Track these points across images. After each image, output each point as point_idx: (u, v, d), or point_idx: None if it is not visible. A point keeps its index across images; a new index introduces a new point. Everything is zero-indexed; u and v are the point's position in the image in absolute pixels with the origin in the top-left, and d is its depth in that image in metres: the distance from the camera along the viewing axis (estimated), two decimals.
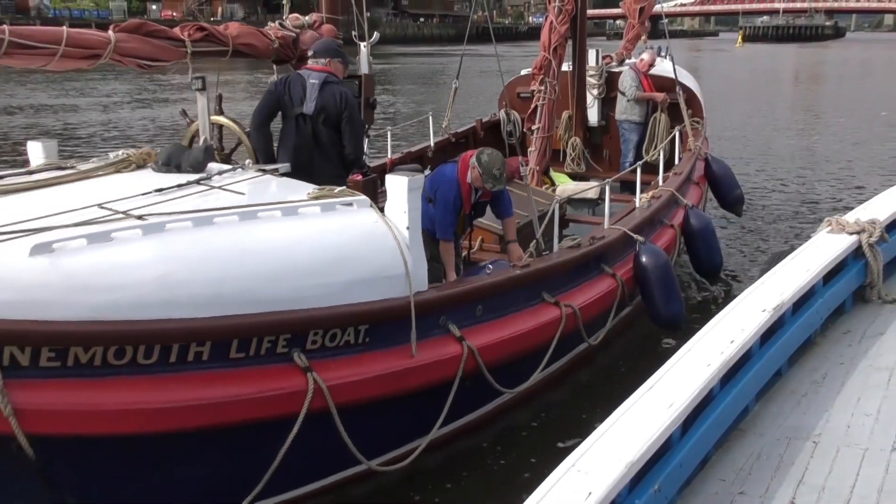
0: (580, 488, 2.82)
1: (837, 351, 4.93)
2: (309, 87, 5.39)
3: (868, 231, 5.54)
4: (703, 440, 3.62)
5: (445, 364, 4.80)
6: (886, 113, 23.03)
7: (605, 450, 3.06)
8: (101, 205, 3.97)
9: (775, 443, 3.92)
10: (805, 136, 20.03)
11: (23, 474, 3.61)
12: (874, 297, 5.63)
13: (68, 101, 26.31)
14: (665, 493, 3.24)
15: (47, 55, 3.98)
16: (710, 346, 3.94)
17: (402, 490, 5.01)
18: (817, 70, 53.46)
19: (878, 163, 16.12)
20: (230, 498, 4.13)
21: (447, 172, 5.79)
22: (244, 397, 3.98)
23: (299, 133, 5.43)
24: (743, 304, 4.51)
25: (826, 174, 15.05)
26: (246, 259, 4.00)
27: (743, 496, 3.49)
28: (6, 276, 3.41)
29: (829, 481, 3.56)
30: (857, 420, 4.09)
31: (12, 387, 3.41)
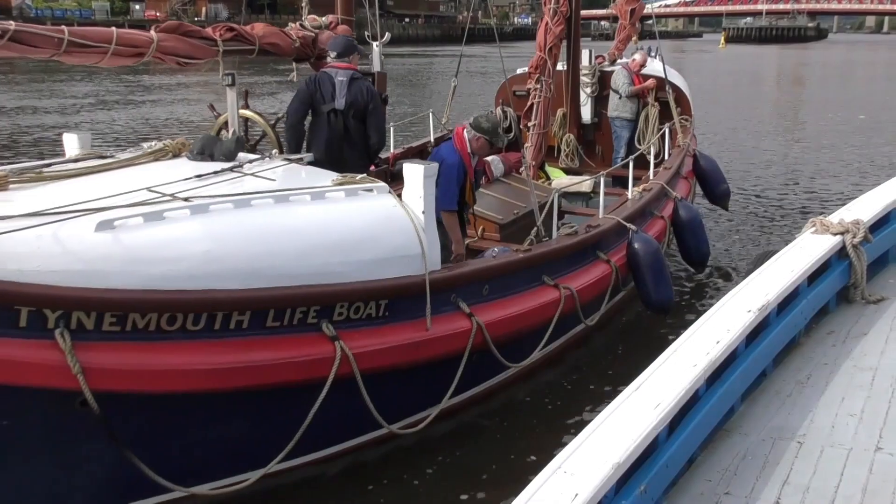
0: (566, 489, 2.82)
1: (821, 351, 4.94)
2: (338, 84, 5.86)
3: (852, 232, 5.55)
4: (689, 441, 3.63)
5: (456, 337, 5.23)
6: (864, 116, 23.41)
7: (591, 451, 3.06)
8: (150, 188, 4.39)
9: (760, 443, 3.93)
10: (786, 137, 20.42)
11: (86, 427, 4.02)
12: (858, 297, 5.64)
13: (30, 104, 26.49)
14: (651, 493, 3.24)
15: (100, 53, 4.40)
16: (696, 347, 3.94)
17: (412, 456, 5.40)
18: (799, 71, 54.08)
19: (860, 164, 16.49)
20: (264, 456, 4.55)
21: (444, 149, 6.20)
22: (279, 362, 4.41)
23: (331, 127, 5.90)
24: (728, 304, 4.51)
25: (808, 175, 15.42)
26: (280, 237, 4.44)
27: (728, 496, 3.50)
28: (75, 249, 3.83)
29: (814, 481, 3.57)
30: (842, 420, 4.09)
31: (80, 348, 3.83)
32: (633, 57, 10.37)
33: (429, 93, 30.69)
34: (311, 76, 6.02)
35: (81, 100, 27.87)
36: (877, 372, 4.61)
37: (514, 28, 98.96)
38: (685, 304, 8.34)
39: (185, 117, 23.20)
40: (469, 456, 5.51)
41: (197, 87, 33.31)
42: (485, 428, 5.87)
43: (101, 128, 20.57)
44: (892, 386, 4.42)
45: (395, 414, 5.14)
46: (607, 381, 6.65)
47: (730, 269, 9.36)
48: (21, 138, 19.04)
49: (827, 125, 22.56)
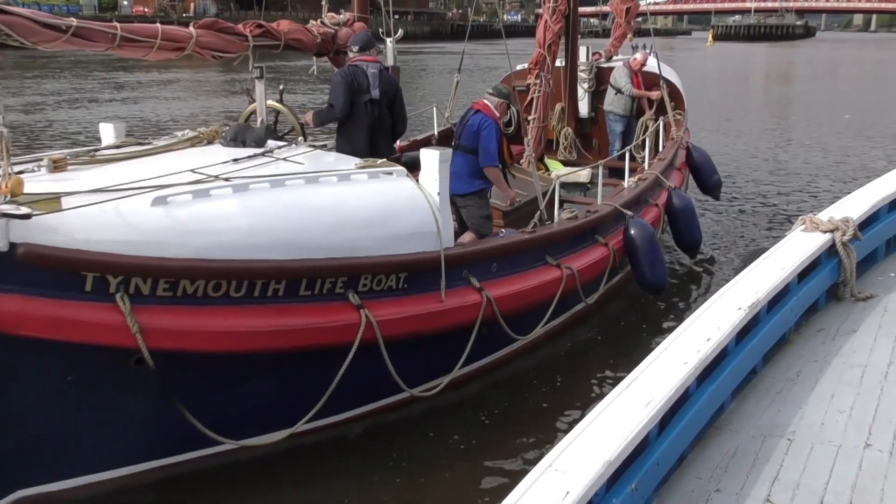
0: (558, 488, 2.84)
1: (811, 348, 4.97)
2: (370, 76, 6.42)
3: (841, 229, 5.57)
4: (680, 438, 3.64)
5: (468, 309, 5.71)
6: (850, 116, 23.68)
7: (582, 449, 3.07)
8: (194, 170, 4.85)
9: (751, 440, 3.95)
10: (773, 135, 20.75)
11: (141, 384, 4.48)
12: (847, 294, 5.67)
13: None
14: (642, 491, 3.26)
15: (147, 47, 4.86)
16: (686, 345, 3.95)
17: (424, 422, 5.87)
18: (786, 70, 54.67)
19: (847, 163, 16.83)
20: (296, 415, 5.01)
21: (476, 120, 6.83)
22: (311, 326, 4.88)
23: (369, 115, 6.47)
24: (719, 302, 4.53)
25: (797, 173, 15.73)
26: (311, 214, 4.91)
27: (719, 493, 3.52)
28: (133, 222, 4.29)
29: (804, 478, 3.59)
30: (831, 417, 4.12)
31: (137, 310, 4.29)
32: (635, 56, 10.80)
33: (422, 89, 31.09)
34: (345, 70, 6.52)
35: (47, 97, 27.91)
36: (866, 369, 4.60)
37: (504, 25, 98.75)
38: (677, 286, 8.82)
39: (179, 113, 23.55)
40: (476, 423, 5.96)
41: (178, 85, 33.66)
42: (490, 398, 6.32)
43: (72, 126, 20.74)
44: (881, 383, 4.42)
45: (413, 380, 5.60)
46: (605, 358, 7.16)
47: (720, 258, 9.83)
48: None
49: (813, 124, 22.93)
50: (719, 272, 9.26)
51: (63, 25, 4.34)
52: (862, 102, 29.13)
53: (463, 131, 6.85)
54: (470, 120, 6.82)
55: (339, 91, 6.49)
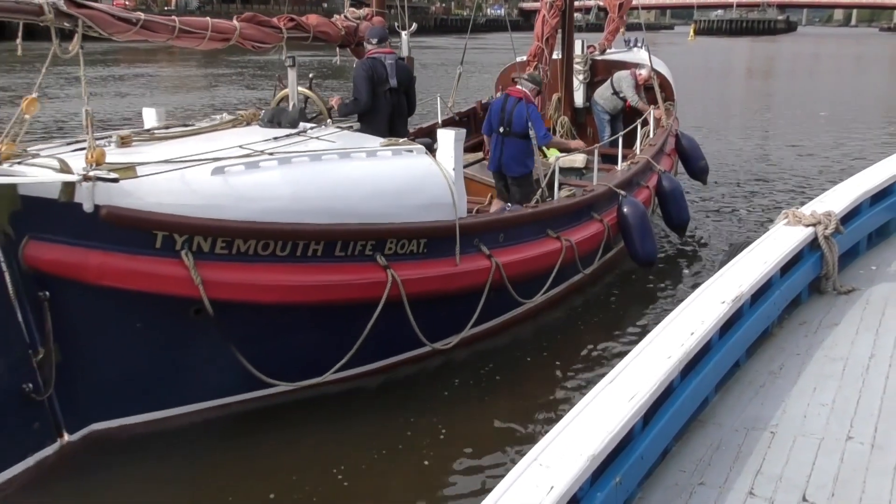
0: (542, 482, 2.83)
1: (794, 342, 5.00)
2: (388, 66, 7.14)
3: (824, 223, 5.60)
4: (664, 432, 3.66)
5: (479, 273, 6.39)
6: (826, 113, 23.90)
7: (566, 443, 3.07)
8: (241, 146, 5.50)
9: (734, 433, 3.96)
10: (754, 130, 21.10)
11: (199, 331, 5.14)
12: (829, 288, 5.70)
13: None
14: (626, 485, 3.28)
15: (199, 38, 5.52)
16: (670, 339, 3.97)
17: (437, 377, 6.54)
18: (767, 65, 55.24)
19: (830, 157, 17.19)
20: (327, 364, 5.69)
21: (521, 107, 7.87)
22: (344, 283, 5.56)
23: (388, 102, 7.18)
24: (703, 296, 4.55)
25: (780, 166, 16.03)
26: (345, 185, 5.58)
27: (703, 487, 3.53)
28: (196, 189, 4.95)
29: (786, 471, 3.61)
30: (813, 410, 4.14)
31: (199, 265, 4.96)
32: (640, 72, 11.34)
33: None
34: (365, 62, 7.19)
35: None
36: (847, 362, 4.64)
37: (487, 19, 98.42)
38: (667, 264, 9.51)
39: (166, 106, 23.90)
40: (485, 377, 6.62)
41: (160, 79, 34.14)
42: (498, 355, 6.99)
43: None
44: (863, 376, 4.47)
45: (431, 336, 6.27)
46: (599, 324, 7.86)
47: (707, 239, 10.49)
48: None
49: (794, 119, 23.32)
50: (704, 251, 9.92)
51: (133, 19, 5.00)
52: (842, 97, 29.68)
53: (512, 119, 7.79)
54: (515, 109, 7.74)
55: (362, 85, 7.22)
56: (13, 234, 4.59)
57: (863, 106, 26.89)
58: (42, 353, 4.83)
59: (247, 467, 5.35)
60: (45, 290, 4.74)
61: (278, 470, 5.29)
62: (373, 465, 5.32)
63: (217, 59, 40.21)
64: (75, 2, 4.59)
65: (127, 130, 5.64)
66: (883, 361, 4.62)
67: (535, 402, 6.22)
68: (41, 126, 18.79)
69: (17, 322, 4.70)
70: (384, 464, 5.35)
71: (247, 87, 29.59)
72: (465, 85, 11.37)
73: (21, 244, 4.63)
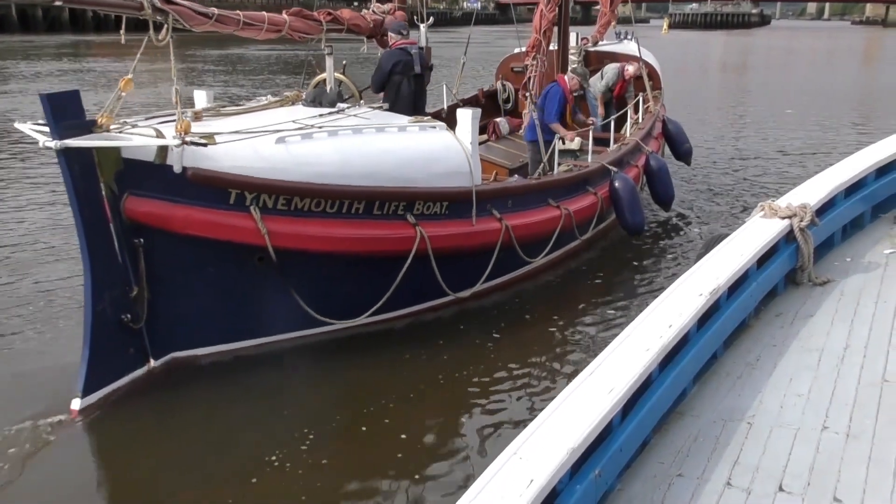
0: (522, 476, 2.83)
1: (770, 333, 5.01)
2: (414, 55, 8.11)
3: (799, 215, 5.59)
4: (643, 424, 3.66)
5: (491, 233, 7.34)
6: (792, 110, 23.55)
7: (546, 437, 3.07)
8: (294, 121, 6.38)
9: (711, 425, 3.97)
10: (728, 125, 21.17)
11: (261, 276, 6.04)
12: (805, 279, 5.70)
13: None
14: (605, 477, 3.28)
15: (258, 29, 6.41)
16: (648, 331, 3.98)
17: (454, 323, 7.51)
18: (741, 59, 55.94)
19: (804, 150, 17.28)
20: (366, 307, 6.64)
21: (551, 88, 9.14)
22: (381, 237, 6.52)
23: (412, 86, 8.08)
24: (680, 288, 4.54)
25: (756, 159, 16.08)
26: (382, 154, 6.53)
27: (681, 478, 3.53)
28: (263, 155, 5.88)
29: (763, 461, 3.62)
30: (789, 401, 4.14)
31: (265, 219, 5.84)
32: (628, 68, 12.24)
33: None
34: (392, 53, 8.13)
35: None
36: (823, 353, 4.66)
37: (464, 13, 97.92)
38: (653, 235, 10.44)
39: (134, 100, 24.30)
40: (494, 324, 7.59)
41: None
42: (505, 307, 7.97)
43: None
44: (838, 366, 4.49)
45: (450, 287, 7.18)
46: (592, 285, 8.85)
47: (690, 217, 11.38)
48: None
49: (768, 112, 23.46)
50: (686, 226, 10.85)
51: (210, 13, 5.88)
52: (815, 91, 30.21)
53: (543, 95, 9.32)
54: (551, 87, 9.12)
55: (378, 74, 8.31)
56: (116, 190, 5.49)
57: (835, 100, 27.46)
58: (136, 291, 5.77)
59: (298, 390, 6.34)
60: (139, 238, 5.68)
61: (321, 393, 6.30)
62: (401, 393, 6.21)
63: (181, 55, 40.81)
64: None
65: (197, 108, 6.48)
66: (857, 352, 4.63)
67: (534, 348, 7.17)
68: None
69: (119, 263, 5.60)
70: (410, 392, 6.26)
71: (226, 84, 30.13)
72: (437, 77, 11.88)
73: (122, 199, 5.50)
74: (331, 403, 6.11)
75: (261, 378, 6.33)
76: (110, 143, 5.34)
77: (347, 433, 5.68)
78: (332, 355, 6.70)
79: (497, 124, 10.50)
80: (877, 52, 63.21)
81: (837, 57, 55.23)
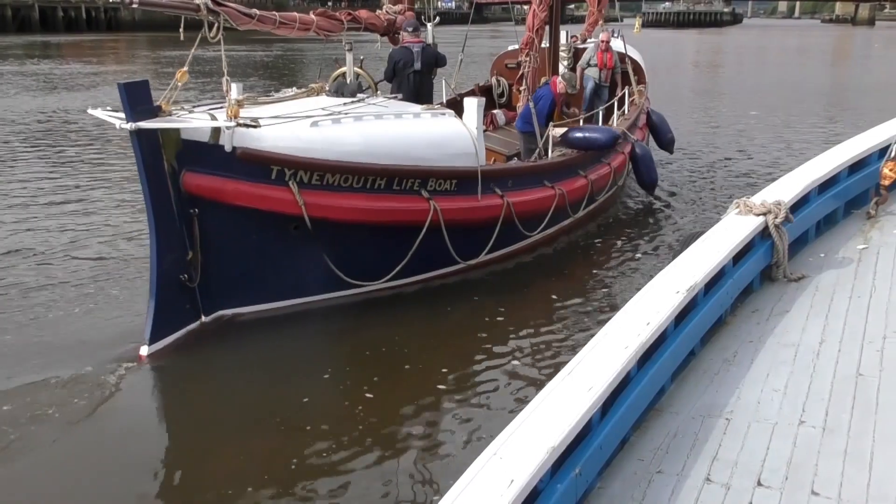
0: (502, 476, 2.81)
1: (747, 329, 5.00)
2: (415, 54, 8.90)
3: (774, 212, 5.59)
4: (622, 422, 3.65)
5: (494, 209, 8.19)
6: (757, 112, 23.22)
7: (526, 436, 3.06)
8: (323, 108, 7.13)
9: (690, 421, 3.95)
10: (699, 123, 21.27)
11: (296, 242, 6.80)
12: (780, 275, 5.70)
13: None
14: (586, 475, 3.26)
15: (290, 28, 7.17)
16: (626, 329, 3.96)
17: (459, 287, 8.39)
18: (714, 58, 56.76)
19: (777, 148, 17.32)
20: (386, 272, 7.43)
21: (543, 90, 9.86)
22: (400, 209, 7.38)
23: (413, 82, 8.97)
24: (657, 286, 4.53)
25: (732, 157, 16.23)
26: (400, 136, 7.38)
27: (661, 475, 3.52)
28: (300, 136, 6.78)
29: (741, 456, 3.62)
30: (767, 396, 4.14)
31: (301, 192, 6.61)
32: (601, 37, 13.15)
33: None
34: (398, 51, 9.05)
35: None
36: (798, 348, 4.65)
37: (438, 12, 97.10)
38: (634, 219, 11.25)
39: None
40: (497, 289, 8.50)
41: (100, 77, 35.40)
42: (507, 275, 8.84)
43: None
44: (813, 361, 4.50)
45: (460, 256, 7.94)
46: (582, 258, 9.80)
47: (670, 205, 12.24)
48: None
49: (735, 114, 23.27)
50: (666, 209, 11.67)
51: (252, 14, 6.68)
52: (787, 90, 30.39)
53: (536, 93, 10.11)
54: (542, 88, 10.03)
55: (389, 67, 9.27)
56: (176, 167, 6.23)
57: (807, 98, 27.79)
58: (191, 254, 6.52)
59: (329, 345, 7.22)
60: (195, 209, 6.46)
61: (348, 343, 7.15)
62: (414, 346, 7.02)
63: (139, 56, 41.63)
64: (218, 2, 6.19)
65: (240, 97, 7.25)
66: (832, 346, 4.64)
67: (530, 311, 8.02)
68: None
69: (179, 230, 6.35)
70: (418, 346, 7.07)
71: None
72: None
73: (181, 174, 6.24)
74: (353, 350, 6.93)
75: (296, 335, 7.15)
76: (178, 125, 6.16)
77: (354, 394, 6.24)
78: (353, 315, 7.56)
79: (494, 116, 11.36)
80: (848, 50, 64.45)
81: (809, 55, 55.96)
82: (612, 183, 10.83)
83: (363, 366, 6.68)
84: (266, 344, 6.97)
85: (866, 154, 7.07)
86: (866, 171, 6.99)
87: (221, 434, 5.66)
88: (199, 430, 5.80)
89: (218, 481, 5.08)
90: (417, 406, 6.01)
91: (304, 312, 7.41)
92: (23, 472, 5.08)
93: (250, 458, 5.33)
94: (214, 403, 6.13)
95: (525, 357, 6.85)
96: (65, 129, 18.70)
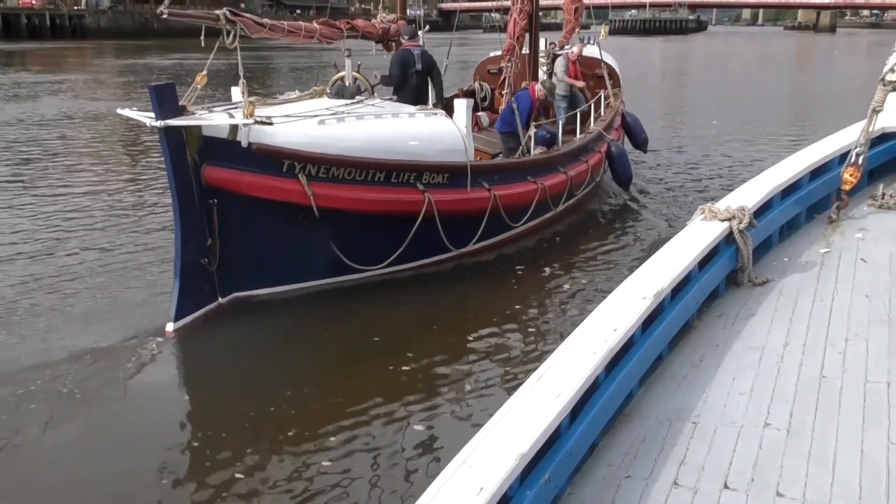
0: (471, 484, 2.79)
1: (713, 333, 4.99)
2: (416, 56, 9.47)
3: (738, 218, 5.60)
4: (591, 427, 3.64)
5: (482, 201, 8.89)
6: (717, 122, 23.14)
7: (495, 443, 3.03)
8: (327, 108, 7.69)
9: (658, 425, 3.94)
10: (664, 129, 21.06)
11: (304, 230, 7.37)
12: (745, 280, 5.70)
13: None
14: (555, 482, 3.24)
15: (298, 35, 7.74)
16: (594, 335, 3.94)
17: (450, 274, 9.08)
18: (680, 65, 57.82)
19: (740, 154, 17.55)
20: (384, 258, 7.99)
21: (523, 94, 10.46)
22: (397, 200, 8.03)
23: (415, 82, 9.60)
24: (624, 291, 4.52)
25: (697, 163, 16.44)
26: (399, 134, 8.07)
27: (630, 479, 3.51)
28: (308, 133, 7.39)
29: (708, 459, 3.61)
30: (733, 399, 4.13)
31: (310, 184, 7.17)
32: (573, 49, 13.83)
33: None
34: (400, 52, 9.57)
35: None
36: (763, 351, 4.66)
37: (409, 20, 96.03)
38: (612, 214, 11.91)
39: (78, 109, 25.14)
40: (484, 274, 9.20)
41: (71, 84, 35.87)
42: (494, 263, 9.50)
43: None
44: (778, 364, 4.52)
45: (452, 244, 8.54)
46: (562, 248, 10.46)
47: (643, 203, 12.93)
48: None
49: (698, 123, 23.69)
50: (637, 204, 12.34)
51: (264, 23, 7.28)
52: (750, 97, 30.77)
53: (517, 96, 10.61)
54: (520, 94, 10.61)
55: (395, 69, 9.70)
56: (198, 161, 6.77)
57: (770, 104, 28.30)
58: (210, 241, 7.05)
59: (333, 324, 7.79)
60: (214, 199, 7.02)
61: (349, 323, 7.72)
62: (406, 327, 7.70)
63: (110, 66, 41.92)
64: (234, 13, 6.75)
65: (251, 99, 7.80)
66: (796, 349, 4.65)
67: (515, 296, 8.73)
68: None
69: (200, 218, 6.90)
70: (413, 326, 7.75)
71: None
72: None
73: (202, 168, 6.79)
74: (355, 330, 7.46)
75: (304, 316, 7.80)
76: (201, 122, 6.65)
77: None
78: (351, 295, 8.18)
79: (479, 118, 11.95)
80: (810, 57, 65.96)
81: (772, 62, 57.00)
82: (590, 179, 11.62)
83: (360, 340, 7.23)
84: (275, 322, 7.60)
85: (828, 159, 7.14)
86: (828, 176, 7.04)
87: (235, 398, 6.22)
88: (217, 394, 6.41)
89: (234, 441, 5.60)
90: (387, 410, 6.02)
91: (311, 294, 8.06)
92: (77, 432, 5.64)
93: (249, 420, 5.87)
94: (230, 373, 6.73)
95: (498, 356, 7.07)
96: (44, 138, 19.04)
